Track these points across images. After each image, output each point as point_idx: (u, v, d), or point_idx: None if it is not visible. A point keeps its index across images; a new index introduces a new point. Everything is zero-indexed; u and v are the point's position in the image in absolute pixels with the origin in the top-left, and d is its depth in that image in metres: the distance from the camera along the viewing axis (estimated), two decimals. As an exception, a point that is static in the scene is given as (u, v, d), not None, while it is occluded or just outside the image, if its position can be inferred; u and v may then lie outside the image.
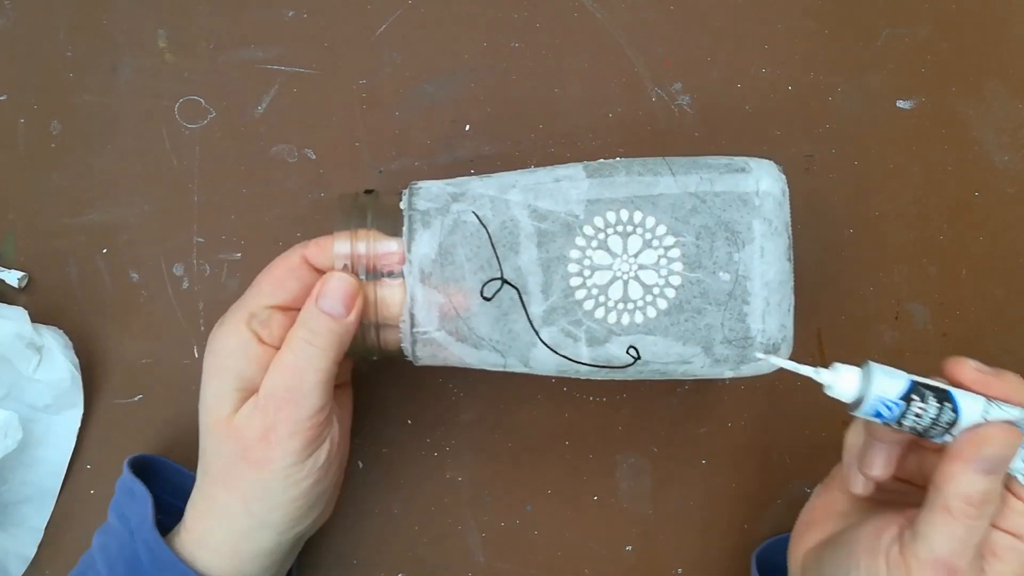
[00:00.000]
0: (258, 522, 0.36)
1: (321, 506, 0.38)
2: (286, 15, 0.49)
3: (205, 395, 0.36)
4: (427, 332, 0.36)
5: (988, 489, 0.31)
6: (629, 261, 0.35)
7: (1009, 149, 0.49)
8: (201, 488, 0.37)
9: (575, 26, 0.49)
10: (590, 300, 0.35)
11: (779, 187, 0.37)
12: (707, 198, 0.36)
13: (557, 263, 0.36)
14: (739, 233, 0.35)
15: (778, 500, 0.47)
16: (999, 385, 0.32)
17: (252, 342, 0.35)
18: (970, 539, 0.31)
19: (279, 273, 0.37)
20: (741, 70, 0.49)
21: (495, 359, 0.37)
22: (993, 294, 0.49)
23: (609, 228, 0.36)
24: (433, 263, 0.36)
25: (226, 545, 0.36)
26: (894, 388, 0.32)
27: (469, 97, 0.49)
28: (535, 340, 0.36)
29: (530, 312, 0.36)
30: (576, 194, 0.36)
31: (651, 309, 0.35)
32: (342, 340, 0.35)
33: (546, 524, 0.46)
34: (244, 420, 0.35)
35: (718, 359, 0.36)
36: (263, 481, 0.35)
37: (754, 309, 0.35)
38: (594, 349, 0.36)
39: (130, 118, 0.48)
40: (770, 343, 0.36)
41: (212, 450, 0.36)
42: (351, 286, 0.35)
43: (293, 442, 0.34)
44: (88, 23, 0.49)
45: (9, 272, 0.46)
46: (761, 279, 0.35)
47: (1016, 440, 0.31)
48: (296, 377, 0.34)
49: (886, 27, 0.50)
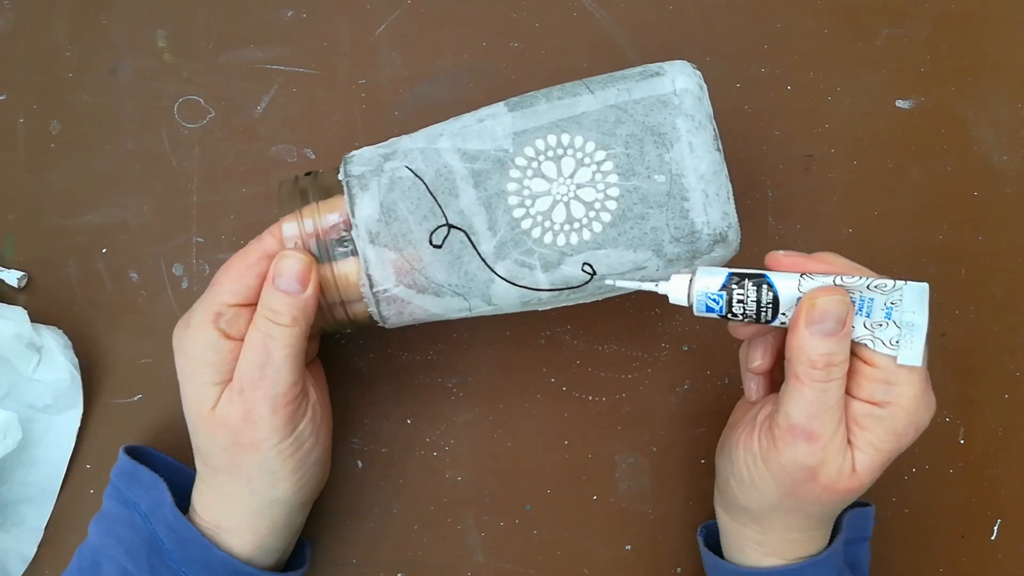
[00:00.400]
0: (266, 499, 0.37)
1: (319, 471, 0.40)
2: (285, 15, 0.49)
3: (186, 395, 0.37)
4: (387, 290, 0.37)
5: (829, 351, 0.33)
6: (566, 183, 0.37)
7: (1008, 149, 0.49)
8: (205, 478, 0.39)
9: (574, 26, 0.49)
10: (537, 228, 0.37)
11: (695, 82, 0.38)
12: (628, 107, 0.37)
13: (497, 199, 0.37)
14: (665, 134, 0.37)
15: (777, 500, 0.47)
16: (809, 262, 0.35)
17: (220, 340, 0.36)
18: (822, 402, 0.33)
19: (239, 271, 0.37)
20: (740, 70, 0.49)
21: (459, 304, 0.38)
22: (992, 294, 0.49)
23: (540, 155, 0.37)
24: (378, 222, 0.37)
25: (243, 524, 0.38)
26: (715, 282, 0.34)
27: (468, 97, 0.49)
28: (492, 276, 0.37)
29: (481, 251, 0.37)
30: (501, 130, 0.37)
31: (596, 224, 0.36)
32: (304, 315, 0.36)
33: (546, 524, 0.46)
34: (225, 408, 0.36)
35: (671, 259, 0.37)
36: (260, 461, 0.36)
37: (694, 204, 0.36)
38: (550, 274, 0.37)
39: (130, 118, 0.48)
40: (716, 232, 0.37)
41: (206, 443, 0.37)
42: (302, 263, 0.36)
43: (275, 419, 0.36)
44: (87, 23, 0.49)
45: (9, 272, 0.46)
46: (695, 174, 0.36)
47: (838, 297, 0.33)
48: (265, 355, 0.35)
49: (885, 27, 0.50)
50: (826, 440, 0.34)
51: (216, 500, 0.38)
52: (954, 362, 0.48)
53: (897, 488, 0.47)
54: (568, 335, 0.47)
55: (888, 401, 0.34)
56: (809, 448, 0.34)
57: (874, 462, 0.34)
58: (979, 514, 0.47)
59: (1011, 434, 0.47)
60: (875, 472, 0.35)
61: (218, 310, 0.36)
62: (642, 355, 0.47)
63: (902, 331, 0.33)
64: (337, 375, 0.45)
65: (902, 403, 0.34)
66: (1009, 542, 0.47)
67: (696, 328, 0.47)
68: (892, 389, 0.33)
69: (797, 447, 0.34)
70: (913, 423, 0.34)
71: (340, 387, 0.46)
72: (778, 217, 0.48)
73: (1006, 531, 0.47)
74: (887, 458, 0.34)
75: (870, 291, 0.33)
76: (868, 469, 0.34)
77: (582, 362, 0.47)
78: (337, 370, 0.46)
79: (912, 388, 0.33)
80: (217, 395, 0.36)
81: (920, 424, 0.34)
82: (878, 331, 0.33)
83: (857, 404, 0.34)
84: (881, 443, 0.34)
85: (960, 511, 0.47)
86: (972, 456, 0.47)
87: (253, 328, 0.36)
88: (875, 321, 0.33)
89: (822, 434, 0.33)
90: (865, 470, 0.34)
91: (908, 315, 0.32)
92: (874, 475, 0.35)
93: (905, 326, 0.33)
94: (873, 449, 0.34)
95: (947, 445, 0.47)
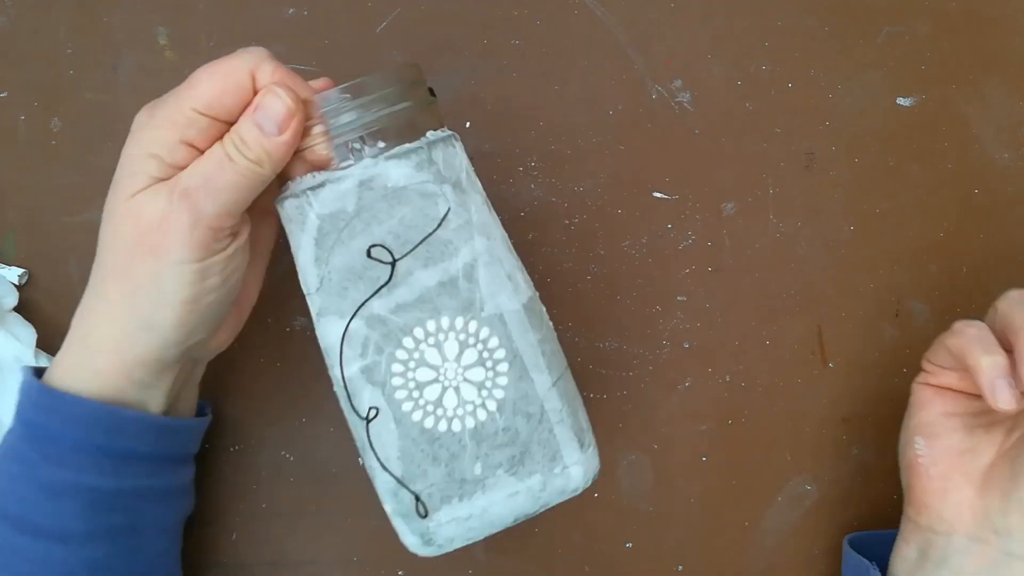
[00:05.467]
0: (144, 321, 0.34)
1: (210, 327, 0.36)
2: (286, 12, 0.49)
3: (118, 177, 0.34)
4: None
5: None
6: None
7: (1009, 147, 0.49)
8: (92, 286, 0.36)
9: (575, 24, 0.49)
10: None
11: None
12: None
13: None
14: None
15: (778, 498, 0.47)
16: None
17: (176, 144, 0.33)
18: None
19: (221, 88, 0.33)
20: (741, 67, 0.49)
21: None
22: (994, 292, 0.48)
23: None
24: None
25: (109, 344, 0.35)
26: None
27: (469, 95, 0.49)
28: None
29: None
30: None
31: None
32: (271, 159, 0.33)
33: (546, 522, 0.46)
34: (148, 199, 0.33)
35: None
36: (155, 273, 0.33)
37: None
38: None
39: (130, 116, 0.48)
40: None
41: (109, 237, 0.34)
42: (287, 107, 0.33)
43: (191, 235, 0.33)
44: (88, 21, 0.49)
45: (9, 269, 0.46)
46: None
47: None
48: (215, 169, 0.33)
49: (886, 25, 0.50)
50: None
51: (91, 313, 0.35)
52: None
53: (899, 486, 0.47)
54: (569, 332, 0.47)
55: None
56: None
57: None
58: (980, 512, 0.47)
59: (1012, 432, 0.47)
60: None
61: (188, 116, 0.33)
62: (643, 353, 0.47)
63: None
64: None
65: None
66: (1010, 540, 0.47)
67: (697, 326, 0.47)
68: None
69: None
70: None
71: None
72: (779, 215, 0.48)
73: (1007, 529, 0.47)
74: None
75: None
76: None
77: (583, 359, 0.47)
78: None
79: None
80: (146, 184, 0.33)
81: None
82: None
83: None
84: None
85: (961, 509, 0.47)
86: (973, 454, 0.47)
87: (219, 144, 0.33)
88: None
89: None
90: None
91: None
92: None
93: None
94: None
95: (948, 443, 0.47)
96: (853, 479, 0.47)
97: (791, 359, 0.48)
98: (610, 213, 0.48)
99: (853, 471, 0.47)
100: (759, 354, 0.47)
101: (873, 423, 0.47)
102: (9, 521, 0.34)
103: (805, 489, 0.47)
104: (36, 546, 0.34)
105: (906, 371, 0.48)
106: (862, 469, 0.47)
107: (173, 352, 0.35)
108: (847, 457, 0.47)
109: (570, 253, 0.48)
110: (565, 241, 0.48)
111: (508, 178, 0.48)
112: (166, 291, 0.33)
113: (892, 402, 0.47)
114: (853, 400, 0.47)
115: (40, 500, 0.34)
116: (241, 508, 0.46)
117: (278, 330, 0.47)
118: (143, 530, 0.37)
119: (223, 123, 0.34)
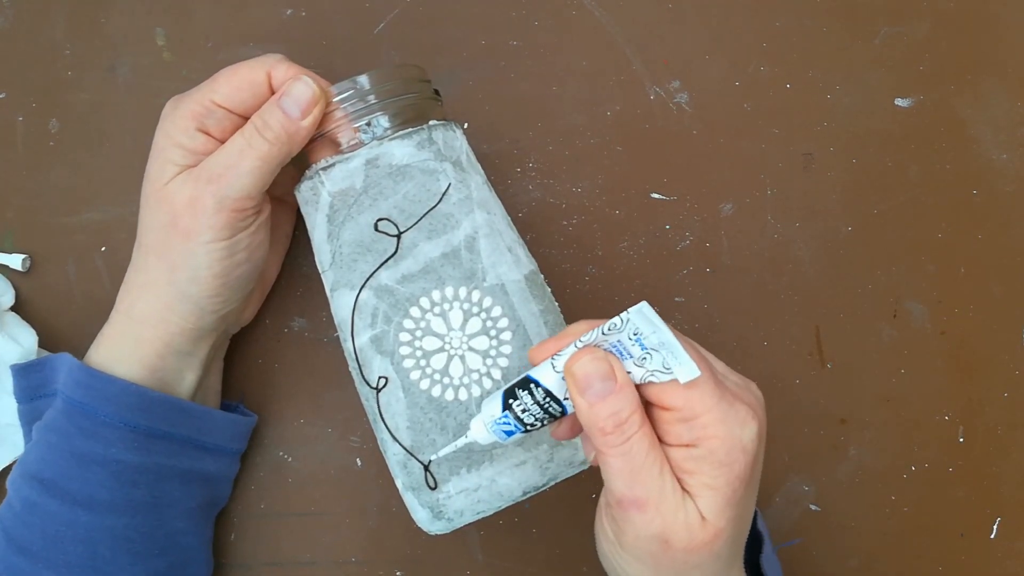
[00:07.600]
0: (181, 292, 0.38)
1: (240, 296, 0.40)
2: (284, 13, 0.49)
3: (150, 169, 0.38)
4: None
5: (612, 411, 0.30)
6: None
7: (1007, 147, 0.49)
8: (134, 263, 0.40)
9: (574, 24, 0.49)
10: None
11: None
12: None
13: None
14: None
15: (777, 499, 0.47)
16: (555, 343, 0.32)
17: (197, 133, 0.37)
18: (632, 465, 0.30)
19: (239, 83, 0.37)
20: (739, 68, 0.49)
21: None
22: (991, 292, 0.49)
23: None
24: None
25: (154, 316, 0.39)
26: (495, 407, 0.32)
27: (467, 95, 0.49)
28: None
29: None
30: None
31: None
32: (291, 140, 0.37)
33: (545, 523, 0.46)
34: (177, 186, 0.37)
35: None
36: (188, 251, 0.37)
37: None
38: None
39: (128, 116, 0.48)
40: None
41: (147, 220, 0.39)
42: (312, 93, 0.37)
43: (217, 216, 0.37)
44: (86, 22, 0.49)
45: (12, 256, 0.46)
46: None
47: (589, 356, 0.30)
48: (236, 156, 0.36)
49: (884, 26, 0.50)
50: (655, 501, 0.30)
51: (135, 284, 0.39)
52: (953, 361, 0.48)
53: (897, 487, 0.47)
54: (567, 333, 0.47)
55: (697, 438, 0.30)
56: (643, 516, 0.30)
57: (718, 503, 0.30)
58: (979, 512, 0.47)
59: (1011, 433, 0.47)
60: (726, 511, 0.31)
61: (207, 106, 0.37)
62: (641, 353, 0.47)
63: (661, 353, 0.30)
64: (338, 373, 0.46)
65: (710, 433, 0.30)
66: (1009, 540, 0.47)
67: (696, 326, 0.47)
68: (694, 425, 0.30)
69: (632, 520, 0.31)
70: (734, 446, 0.30)
71: (340, 385, 0.46)
72: (777, 216, 0.48)
73: (1005, 529, 0.47)
74: (732, 491, 0.31)
75: (608, 335, 0.31)
76: (716, 512, 0.30)
77: (581, 360, 0.47)
78: (338, 368, 0.46)
79: (712, 415, 0.30)
80: (175, 174, 0.37)
81: (743, 442, 0.31)
82: (648, 364, 0.31)
83: (673, 451, 0.31)
84: (715, 480, 0.30)
85: (960, 509, 0.47)
86: (971, 455, 0.47)
87: (239, 133, 0.37)
88: (639, 357, 0.31)
89: (648, 497, 0.30)
90: (714, 514, 0.30)
91: (651, 338, 0.30)
92: (727, 514, 0.31)
93: (659, 348, 0.30)
94: (711, 490, 0.30)
95: (946, 444, 0.47)
96: (851, 480, 0.47)
97: (789, 360, 0.48)
98: (608, 214, 0.48)
99: (851, 472, 0.47)
100: (757, 355, 0.47)
101: (871, 424, 0.47)
102: (45, 486, 0.38)
103: (803, 490, 0.47)
104: (64, 510, 0.38)
105: (904, 372, 0.48)
106: (860, 470, 0.47)
107: (210, 320, 0.40)
108: (845, 458, 0.47)
109: (568, 254, 0.48)
110: (563, 242, 0.48)
111: (506, 179, 0.48)
112: (200, 267, 0.37)
113: (890, 403, 0.47)
114: (851, 401, 0.47)
115: (72, 468, 0.38)
116: (240, 508, 0.46)
117: (276, 331, 0.47)
118: (163, 508, 0.40)
119: (238, 116, 0.38)
